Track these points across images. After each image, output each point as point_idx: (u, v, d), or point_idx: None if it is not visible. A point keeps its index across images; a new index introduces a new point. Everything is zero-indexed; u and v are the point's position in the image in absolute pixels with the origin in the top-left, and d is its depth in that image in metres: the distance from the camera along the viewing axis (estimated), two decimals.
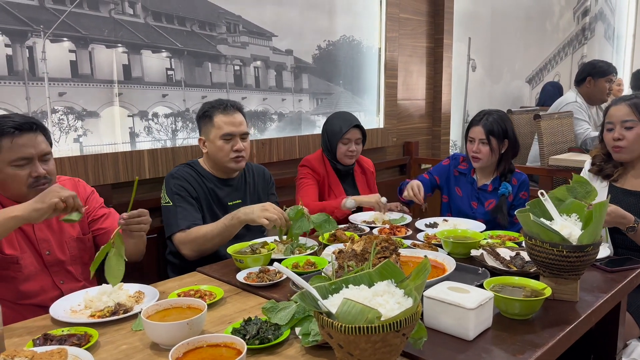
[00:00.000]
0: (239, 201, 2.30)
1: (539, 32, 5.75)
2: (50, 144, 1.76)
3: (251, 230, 2.20)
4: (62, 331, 1.34)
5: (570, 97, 4.00)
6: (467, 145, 2.54)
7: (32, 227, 1.75)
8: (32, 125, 1.68)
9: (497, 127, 2.42)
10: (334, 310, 1.05)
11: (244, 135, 2.22)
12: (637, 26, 7.74)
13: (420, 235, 2.17)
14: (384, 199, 2.48)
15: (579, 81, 3.99)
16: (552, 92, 5.16)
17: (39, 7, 2.11)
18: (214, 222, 2.06)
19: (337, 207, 2.50)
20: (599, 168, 2.23)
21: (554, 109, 4.07)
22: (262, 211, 1.93)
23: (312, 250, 1.98)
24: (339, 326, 1.01)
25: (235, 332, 1.28)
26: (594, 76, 3.90)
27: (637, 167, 2.15)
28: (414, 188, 2.45)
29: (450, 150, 4.50)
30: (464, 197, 2.58)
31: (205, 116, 2.21)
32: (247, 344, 1.22)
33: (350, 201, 2.49)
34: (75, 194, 1.55)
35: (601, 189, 2.19)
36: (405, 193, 2.47)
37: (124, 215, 1.67)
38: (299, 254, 1.95)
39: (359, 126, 2.68)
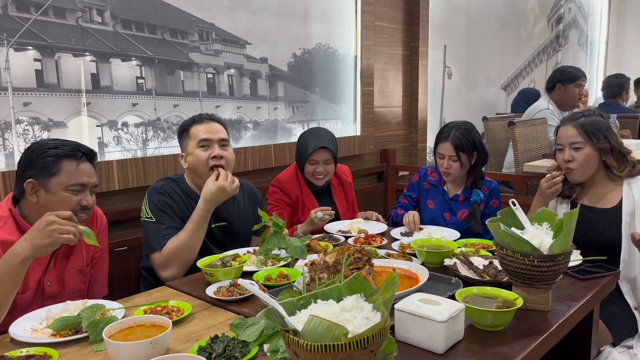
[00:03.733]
0: (224, 223, 2.16)
1: (514, 39, 5.82)
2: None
3: (223, 245, 2.13)
4: (21, 352, 1.29)
5: (542, 105, 4.04)
6: (436, 160, 2.52)
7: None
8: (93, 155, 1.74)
9: (465, 141, 2.41)
10: (301, 327, 1.03)
11: (223, 142, 2.08)
12: (610, 33, 7.91)
13: (395, 245, 2.16)
14: (318, 214, 2.33)
15: (550, 88, 4.04)
16: (520, 101, 5.28)
17: (2, 15, 2.05)
18: (182, 229, 1.97)
19: None
20: None
21: (526, 116, 4.11)
22: (221, 192, 1.95)
23: (286, 262, 1.95)
24: (304, 344, 0.98)
25: (201, 350, 1.24)
26: (564, 82, 3.94)
27: (594, 186, 2.14)
28: (415, 216, 2.42)
29: (427, 156, 4.51)
30: (436, 209, 2.57)
31: (182, 130, 2.12)
32: None
33: (299, 234, 2.39)
34: (77, 224, 1.51)
35: (563, 209, 2.19)
36: (405, 219, 2.43)
37: None
38: (272, 265, 1.91)
39: (328, 147, 2.52)
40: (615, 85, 4.87)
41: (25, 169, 1.66)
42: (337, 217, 2.66)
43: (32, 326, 1.47)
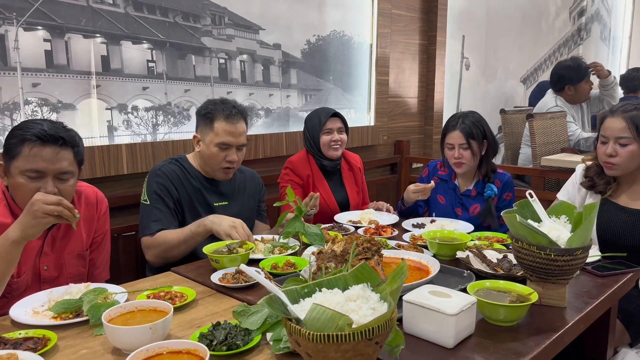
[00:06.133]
0: (226, 203, 2.19)
1: (534, 31, 5.69)
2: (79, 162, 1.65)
3: None
4: (19, 334, 1.26)
5: (550, 102, 3.93)
6: (445, 152, 2.44)
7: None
8: (57, 139, 1.55)
9: (475, 129, 2.35)
10: (304, 316, 0.98)
11: (240, 147, 2.10)
12: (634, 27, 7.70)
13: (406, 236, 2.10)
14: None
15: (559, 90, 3.94)
16: (538, 94, 5.14)
17: None
18: (181, 228, 1.97)
19: None
20: (591, 183, 2.10)
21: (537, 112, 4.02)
22: (230, 228, 1.86)
23: (294, 251, 1.90)
24: (306, 334, 0.94)
25: (202, 337, 1.20)
26: (573, 83, 3.86)
27: (631, 184, 2.03)
28: (417, 185, 2.39)
29: None
30: (447, 205, 2.49)
31: (206, 117, 2.06)
32: (213, 351, 1.15)
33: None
34: (60, 200, 1.43)
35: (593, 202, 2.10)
36: (414, 187, 2.39)
37: None
38: (280, 254, 1.87)
39: (339, 115, 2.59)
40: (634, 79, 4.73)
41: (2, 149, 1.61)
42: (346, 202, 2.64)
43: (34, 308, 1.45)
